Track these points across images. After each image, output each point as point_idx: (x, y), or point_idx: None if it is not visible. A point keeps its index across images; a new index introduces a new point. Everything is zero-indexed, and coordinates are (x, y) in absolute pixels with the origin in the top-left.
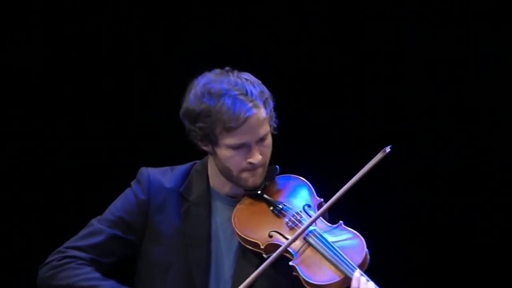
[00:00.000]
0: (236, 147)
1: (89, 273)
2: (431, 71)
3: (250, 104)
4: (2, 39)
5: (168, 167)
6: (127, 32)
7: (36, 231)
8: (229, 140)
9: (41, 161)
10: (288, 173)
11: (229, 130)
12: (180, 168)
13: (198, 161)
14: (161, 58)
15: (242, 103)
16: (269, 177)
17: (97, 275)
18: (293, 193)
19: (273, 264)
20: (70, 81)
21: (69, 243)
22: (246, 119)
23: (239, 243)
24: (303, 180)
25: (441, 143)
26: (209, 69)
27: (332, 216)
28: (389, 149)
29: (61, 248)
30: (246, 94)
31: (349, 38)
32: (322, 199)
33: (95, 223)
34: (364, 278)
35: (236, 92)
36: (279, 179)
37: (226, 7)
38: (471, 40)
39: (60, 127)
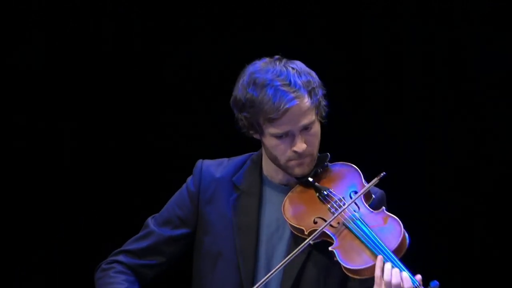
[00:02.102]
0: (279, 136)
1: (117, 284)
2: (430, 70)
3: (293, 95)
4: (2, 39)
5: (225, 158)
6: (126, 32)
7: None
8: (272, 130)
9: (42, 161)
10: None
11: (270, 120)
12: (237, 158)
13: (255, 152)
14: (161, 58)
15: (284, 93)
16: (320, 164)
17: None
18: (342, 179)
19: (321, 251)
20: (69, 81)
21: (124, 245)
22: (286, 110)
23: (291, 231)
24: (353, 167)
25: (441, 143)
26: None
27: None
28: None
29: (116, 250)
30: (289, 85)
31: (349, 38)
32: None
33: (150, 223)
34: (389, 265)
35: (279, 83)
36: (331, 166)
37: (226, 7)
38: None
39: (59, 127)
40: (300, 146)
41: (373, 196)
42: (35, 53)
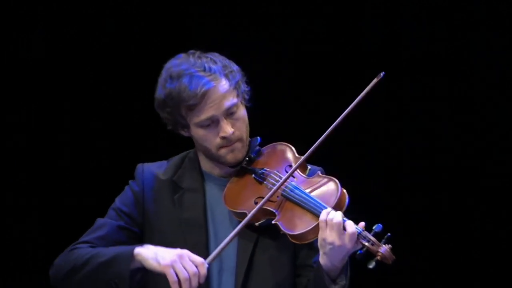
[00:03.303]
0: (205, 125)
1: (93, 249)
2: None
3: (208, 78)
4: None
5: (164, 160)
6: (126, 31)
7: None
8: (196, 119)
9: (40, 161)
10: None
11: (191, 108)
12: (174, 159)
13: (192, 150)
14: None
15: (199, 78)
16: (251, 149)
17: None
18: (275, 158)
19: (268, 233)
20: (69, 81)
21: (76, 242)
22: (205, 93)
23: (237, 222)
24: (284, 144)
25: (441, 143)
26: None
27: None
28: (383, 75)
29: (71, 246)
30: (204, 70)
31: (349, 37)
32: (301, 156)
33: (99, 220)
34: (333, 212)
35: (194, 70)
36: (264, 149)
37: (226, 6)
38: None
39: (59, 126)
40: (227, 129)
41: (309, 167)
42: (34, 53)
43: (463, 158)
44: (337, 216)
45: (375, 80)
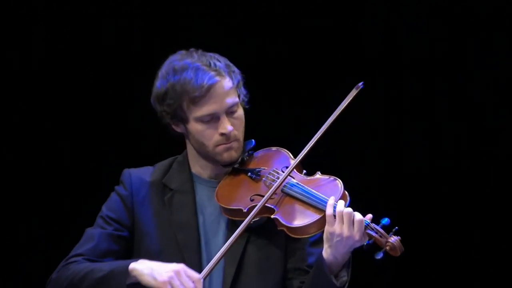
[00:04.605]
0: (206, 120)
1: (89, 264)
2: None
3: (213, 73)
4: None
5: (149, 166)
6: (126, 31)
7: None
8: (197, 112)
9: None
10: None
11: (194, 101)
12: (162, 163)
13: (179, 155)
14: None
15: (205, 72)
16: (245, 151)
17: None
18: (270, 160)
19: (260, 232)
20: (69, 81)
21: (70, 254)
22: (209, 87)
23: (227, 222)
24: (279, 149)
25: (441, 143)
26: None
27: None
28: (362, 85)
29: (61, 262)
30: (210, 66)
31: (349, 37)
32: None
33: (88, 230)
34: (341, 204)
35: (199, 64)
36: (257, 153)
37: (225, 6)
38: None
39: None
40: (226, 126)
41: (304, 171)
42: (34, 53)
43: (463, 158)
44: (347, 207)
45: (353, 91)
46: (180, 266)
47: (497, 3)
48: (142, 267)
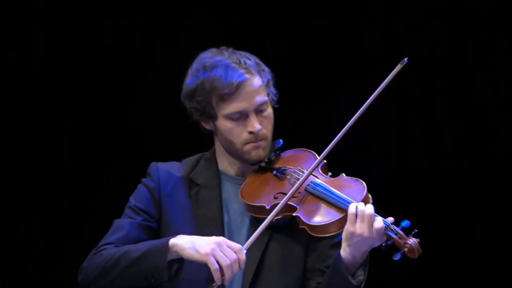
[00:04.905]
0: (235, 118)
1: (123, 247)
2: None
3: (243, 71)
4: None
5: (176, 161)
6: (126, 31)
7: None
8: (226, 110)
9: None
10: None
11: (224, 98)
12: (189, 159)
13: (206, 152)
14: (159, 57)
15: (235, 69)
16: (273, 150)
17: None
18: (296, 159)
19: (282, 230)
20: (69, 81)
21: (98, 245)
22: (239, 85)
23: (251, 219)
24: (307, 150)
25: (441, 142)
26: None
27: None
28: (407, 60)
29: (92, 251)
30: (239, 63)
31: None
32: (325, 161)
33: (117, 221)
34: (363, 205)
35: (229, 61)
36: (284, 153)
37: (225, 6)
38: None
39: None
40: (255, 125)
41: (330, 173)
42: (34, 53)
43: (463, 158)
44: (369, 208)
45: (398, 66)
46: (221, 238)
47: (497, 3)
48: (182, 242)
